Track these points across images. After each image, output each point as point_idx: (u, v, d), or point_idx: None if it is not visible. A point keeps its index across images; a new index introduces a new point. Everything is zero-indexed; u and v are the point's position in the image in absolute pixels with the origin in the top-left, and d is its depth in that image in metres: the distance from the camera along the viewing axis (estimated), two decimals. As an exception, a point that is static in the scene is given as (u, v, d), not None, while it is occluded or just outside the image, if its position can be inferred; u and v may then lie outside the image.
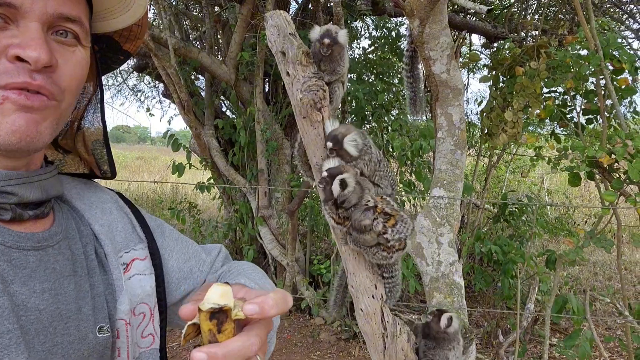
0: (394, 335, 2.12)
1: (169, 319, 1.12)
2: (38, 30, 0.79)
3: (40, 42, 0.79)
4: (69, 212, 0.95)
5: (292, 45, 1.95)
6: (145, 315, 0.98)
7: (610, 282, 7.51)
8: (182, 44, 5.91)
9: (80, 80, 0.90)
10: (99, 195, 1.04)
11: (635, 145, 2.51)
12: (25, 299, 0.78)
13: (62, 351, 0.80)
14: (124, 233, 1.01)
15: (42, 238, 0.84)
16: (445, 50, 2.62)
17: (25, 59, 0.77)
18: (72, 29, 0.85)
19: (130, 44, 1.06)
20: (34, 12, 0.79)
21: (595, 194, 11.48)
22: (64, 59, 0.84)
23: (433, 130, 4.10)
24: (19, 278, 0.78)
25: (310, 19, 6.20)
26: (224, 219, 7.04)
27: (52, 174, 0.92)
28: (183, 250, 1.15)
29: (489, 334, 5.41)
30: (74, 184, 1.02)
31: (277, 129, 6.14)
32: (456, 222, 2.59)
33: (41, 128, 0.83)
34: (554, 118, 3.25)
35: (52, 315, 0.80)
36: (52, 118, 0.85)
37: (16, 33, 0.78)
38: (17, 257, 0.80)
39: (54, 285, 0.82)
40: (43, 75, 0.80)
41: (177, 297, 1.11)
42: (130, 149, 34.22)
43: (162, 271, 1.05)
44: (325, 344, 5.45)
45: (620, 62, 2.79)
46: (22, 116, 0.79)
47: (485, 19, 7.16)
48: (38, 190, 0.86)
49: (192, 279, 1.14)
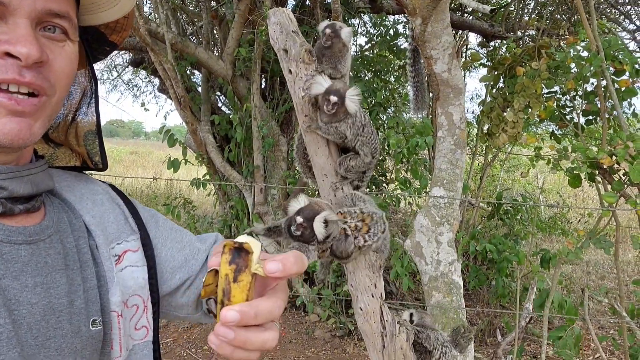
0: (392, 334, 2.12)
1: (165, 310, 1.13)
2: (27, 27, 0.79)
3: (30, 38, 0.79)
4: (60, 206, 0.95)
5: (294, 43, 1.94)
6: (138, 308, 0.98)
7: (603, 281, 7.56)
8: (179, 39, 5.88)
9: (70, 74, 0.90)
10: (90, 187, 1.04)
11: (637, 147, 2.52)
12: (17, 293, 0.78)
13: (55, 345, 0.80)
14: (116, 224, 1.01)
15: (34, 232, 0.84)
16: (446, 49, 2.62)
17: (15, 55, 0.77)
18: (60, 25, 0.85)
19: (117, 36, 1.06)
20: (22, 9, 0.79)
21: (588, 194, 11.54)
22: (53, 54, 0.84)
23: (429, 128, 4.11)
24: (10, 272, 0.78)
25: (308, 16, 6.18)
26: (220, 215, 7.02)
27: (42, 168, 0.91)
28: (177, 239, 1.14)
29: (483, 332, 5.44)
30: (64, 176, 1.02)
31: (273, 125, 6.13)
32: (455, 222, 2.60)
33: (34, 129, 0.83)
34: (554, 119, 3.26)
35: (44, 309, 0.80)
36: (44, 116, 0.85)
37: (5, 30, 0.78)
38: (8, 251, 0.79)
39: (46, 279, 0.82)
40: (33, 71, 0.80)
41: (173, 286, 1.10)
42: (124, 143, 34.06)
43: (154, 263, 1.05)
44: (320, 341, 5.46)
45: (621, 63, 2.80)
46: (14, 120, 0.80)
47: (482, 17, 7.17)
48: (28, 184, 0.86)
49: (187, 268, 1.12)
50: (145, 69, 7.28)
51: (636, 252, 8.21)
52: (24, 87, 0.80)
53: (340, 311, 5.73)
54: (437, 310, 2.47)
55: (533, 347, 5.35)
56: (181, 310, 1.14)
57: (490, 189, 8.70)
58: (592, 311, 5.18)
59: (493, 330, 5.49)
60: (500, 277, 5.11)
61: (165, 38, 5.60)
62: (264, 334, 0.74)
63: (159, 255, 1.08)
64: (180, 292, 1.12)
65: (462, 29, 6.77)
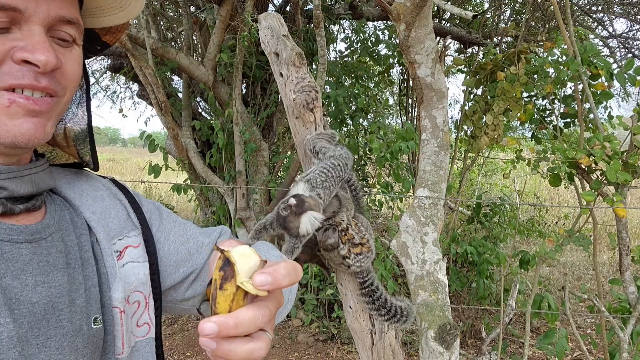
0: (381, 332, 2.16)
1: (169, 304, 1.13)
2: (42, 34, 0.81)
3: (47, 45, 0.80)
4: (62, 204, 0.95)
5: (285, 47, 1.98)
6: (140, 304, 0.98)
7: (579, 282, 7.73)
8: (160, 45, 5.87)
9: (78, 77, 0.91)
10: (91, 183, 1.04)
11: (613, 147, 2.62)
12: (18, 292, 0.78)
13: (56, 344, 0.80)
14: (118, 220, 1.00)
15: (35, 230, 0.84)
16: (430, 54, 2.68)
17: (34, 62, 0.79)
18: (69, 32, 0.87)
19: (111, 36, 1.06)
20: (37, 16, 0.80)
21: (564, 197, 11.80)
22: (64, 58, 0.86)
23: (412, 132, 4.18)
24: (11, 271, 0.78)
25: (289, 22, 6.23)
26: (201, 220, 7.00)
27: (43, 168, 0.92)
28: (181, 233, 1.14)
29: (465, 334, 5.51)
30: (64, 174, 1.02)
31: (255, 130, 6.14)
32: (440, 222, 2.65)
33: (47, 129, 0.85)
34: (534, 122, 3.36)
35: (45, 308, 0.80)
36: (55, 116, 0.87)
37: (19, 36, 0.79)
38: (9, 250, 0.80)
39: (47, 278, 0.82)
40: (48, 77, 0.82)
41: (177, 280, 1.10)
42: (101, 150, 33.58)
43: (156, 259, 1.05)
44: (303, 345, 5.47)
45: (597, 68, 2.91)
46: (30, 120, 0.81)
47: (459, 24, 7.31)
48: (28, 184, 0.86)
49: (191, 261, 1.12)
50: (125, 74, 7.24)
51: (611, 254, 8.41)
52: (38, 92, 0.82)
53: (324, 315, 5.75)
54: (423, 309, 2.52)
55: (513, 348, 5.44)
56: (187, 303, 1.14)
57: (469, 193, 8.83)
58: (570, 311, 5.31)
59: (475, 331, 5.58)
60: (480, 278, 5.20)
61: (145, 43, 5.59)
62: (249, 345, 0.70)
63: (162, 249, 1.08)
64: (184, 286, 1.12)
65: (440, 36, 6.89)
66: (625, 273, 3.00)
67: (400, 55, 5.98)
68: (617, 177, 2.69)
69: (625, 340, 2.89)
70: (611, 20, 7.19)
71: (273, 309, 0.72)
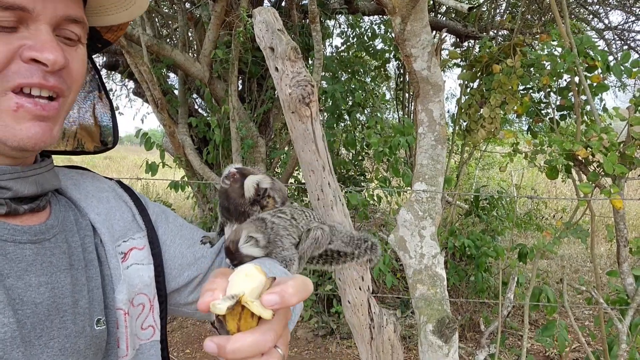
0: (380, 326, 2.16)
1: (172, 307, 1.12)
2: (49, 33, 0.81)
3: (55, 44, 0.80)
4: (66, 205, 0.95)
5: (280, 41, 1.96)
6: (144, 307, 0.97)
7: (577, 274, 7.75)
8: (155, 41, 5.85)
9: (83, 75, 0.91)
10: (96, 184, 1.04)
11: (610, 139, 2.62)
12: (22, 292, 0.78)
13: (59, 345, 0.80)
14: (123, 222, 1.00)
15: (39, 231, 0.84)
16: (426, 47, 2.67)
17: (42, 61, 0.79)
18: (75, 31, 0.87)
19: (112, 34, 1.07)
20: (45, 15, 0.80)
21: (561, 190, 11.82)
22: (70, 57, 0.86)
23: (410, 127, 4.18)
24: (14, 272, 0.78)
25: (284, 17, 6.21)
26: (199, 217, 6.99)
27: (47, 168, 0.92)
28: (187, 236, 1.14)
29: (463, 327, 5.53)
30: (70, 174, 1.02)
31: (252, 126, 6.13)
32: (437, 216, 2.65)
33: (54, 132, 0.85)
34: (530, 114, 3.36)
35: (48, 309, 0.80)
36: (61, 119, 0.87)
37: (27, 35, 0.79)
38: (13, 250, 0.79)
39: (51, 279, 0.82)
40: (55, 75, 0.82)
41: (181, 283, 1.10)
42: (96, 148, 33.43)
43: (161, 261, 1.04)
44: (303, 341, 5.47)
45: (593, 60, 2.90)
46: (37, 124, 0.81)
47: (455, 18, 7.30)
48: (33, 184, 0.86)
49: (196, 265, 1.13)
50: (121, 72, 7.22)
51: (609, 246, 8.43)
52: (46, 90, 0.81)
53: (322, 310, 5.75)
54: (422, 303, 2.52)
55: (512, 341, 5.45)
56: (190, 307, 1.14)
57: (467, 186, 8.84)
58: (569, 304, 5.33)
59: (473, 325, 5.59)
60: (479, 272, 5.20)
61: (140, 40, 5.56)
62: None
63: (168, 252, 1.08)
64: (188, 290, 1.12)
65: (436, 29, 6.89)
66: (622, 265, 3.00)
67: (397, 49, 5.98)
68: (614, 169, 2.69)
69: (624, 332, 2.90)
70: (607, 12, 7.19)
71: (279, 329, 0.70)
